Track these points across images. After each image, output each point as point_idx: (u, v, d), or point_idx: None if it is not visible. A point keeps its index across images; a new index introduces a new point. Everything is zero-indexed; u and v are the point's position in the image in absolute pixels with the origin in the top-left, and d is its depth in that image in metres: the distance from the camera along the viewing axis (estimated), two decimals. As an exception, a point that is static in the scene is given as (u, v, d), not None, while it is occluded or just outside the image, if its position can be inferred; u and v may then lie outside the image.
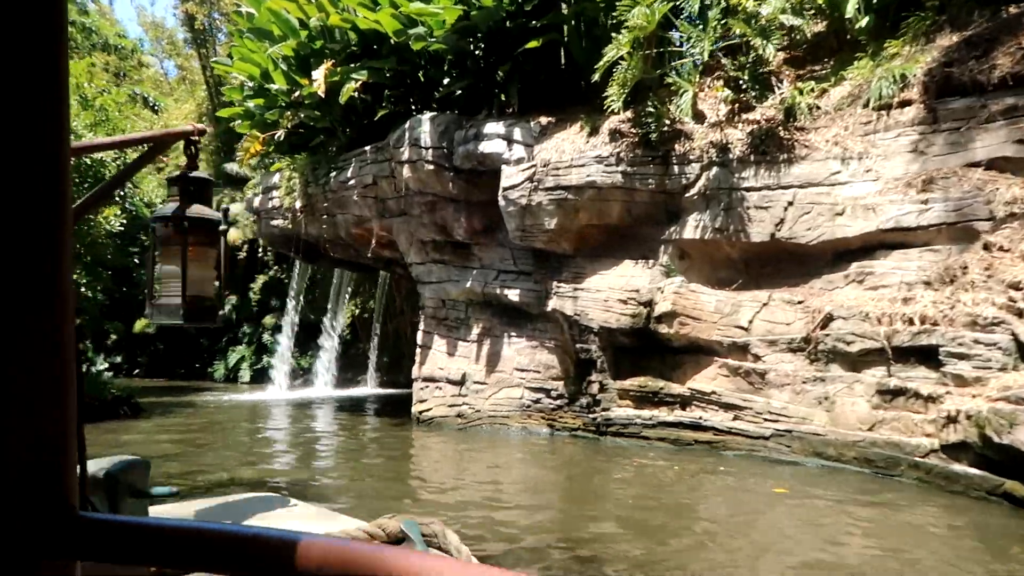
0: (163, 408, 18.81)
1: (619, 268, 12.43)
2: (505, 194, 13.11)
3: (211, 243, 2.69)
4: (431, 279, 15.16)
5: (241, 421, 16.63)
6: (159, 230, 2.61)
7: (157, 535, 0.72)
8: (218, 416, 17.66)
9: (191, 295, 2.56)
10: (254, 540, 0.69)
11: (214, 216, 2.68)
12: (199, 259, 2.61)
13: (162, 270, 2.62)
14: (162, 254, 2.62)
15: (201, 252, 2.62)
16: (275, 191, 18.14)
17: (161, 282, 2.61)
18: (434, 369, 14.84)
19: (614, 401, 12.28)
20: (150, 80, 31.95)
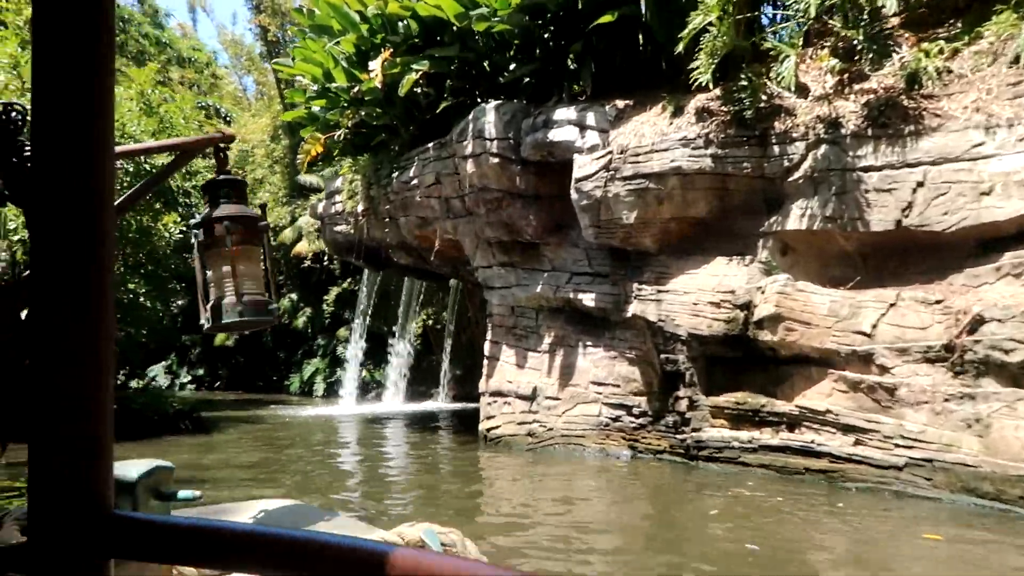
0: (226, 423, 17.86)
1: (710, 266, 10.61)
2: (577, 186, 11.48)
3: (255, 241, 2.58)
4: (498, 284, 13.63)
5: (302, 437, 15.45)
6: (201, 236, 2.49)
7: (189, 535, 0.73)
8: (280, 432, 16.56)
9: (244, 294, 2.46)
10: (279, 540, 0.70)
11: (254, 214, 2.57)
12: (245, 258, 2.51)
13: (211, 275, 2.52)
14: (208, 259, 2.52)
15: (246, 251, 2.53)
16: (338, 195, 17.03)
17: (211, 287, 2.51)
18: (502, 383, 13.28)
19: (706, 420, 10.43)
20: (229, 96, 31.85)
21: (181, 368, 35.30)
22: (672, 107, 10.97)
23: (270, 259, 2.64)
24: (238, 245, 2.48)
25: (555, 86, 12.99)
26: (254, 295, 2.51)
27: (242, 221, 2.48)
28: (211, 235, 2.47)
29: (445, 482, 10.69)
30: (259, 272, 2.60)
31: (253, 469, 11.48)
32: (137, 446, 13.75)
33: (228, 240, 2.44)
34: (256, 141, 30.41)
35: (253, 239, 2.56)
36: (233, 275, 2.45)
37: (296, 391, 29.52)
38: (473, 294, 25.65)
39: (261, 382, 32.38)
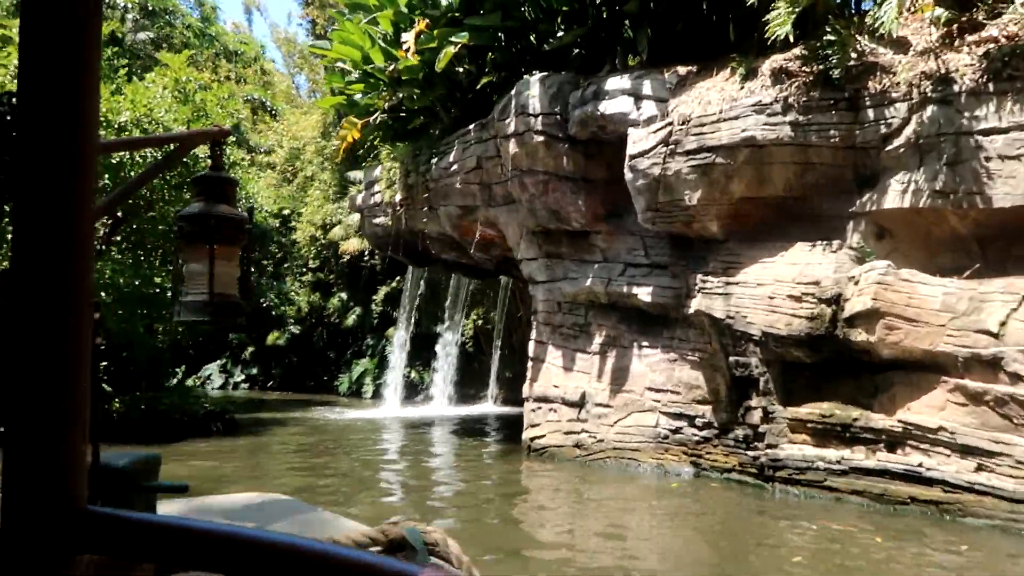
0: (262, 425, 16.75)
1: (788, 254, 8.87)
2: (632, 163, 9.88)
3: (236, 242, 2.57)
4: (543, 277, 12.10)
5: (337, 442, 14.19)
6: (185, 229, 2.49)
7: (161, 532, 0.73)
8: (314, 436, 15.35)
9: (217, 293, 2.47)
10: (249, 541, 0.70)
11: (239, 216, 2.55)
12: (224, 258, 2.50)
13: (188, 269, 2.53)
14: (188, 253, 2.54)
15: (226, 251, 2.51)
16: (376, 185, 15.76)
17: (187, 280, 2.53)
18: (547, 387, 11.74)
19: (784, 435, 8.70)
20: (282, 94, 31.19)
21: (235, 367, 34.79)
22: (743, 69, 9.28)
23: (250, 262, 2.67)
24: (219, 244, 2.49)
25: (607, 55, 11.42)
26: (226, 295, 2.52)
27: (227, 221, 2.50)
28: (194, 229, 2.50)
29: (480, 501, 9.21)
30: (236, 273, 2.61)
31: (274, 477, 10.22)
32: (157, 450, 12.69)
33: (210, 237, 2.46)
34: (307, 138, 29.59)
35: (235, 240, 2.57)
36: (210, 272, 2.46)
37: (345, 392, 28.52)
38: (523, 293, 24.18)
39: (312, 382, 31.55)
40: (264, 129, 29.05)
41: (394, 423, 18.19)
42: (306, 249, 29.65)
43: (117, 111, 13.45)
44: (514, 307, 24.29)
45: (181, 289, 2.59)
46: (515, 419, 19.81)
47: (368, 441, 14.70)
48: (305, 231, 28.72)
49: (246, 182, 17.84)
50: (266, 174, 29.19)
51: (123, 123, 13.49)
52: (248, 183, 17.96)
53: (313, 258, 29.76)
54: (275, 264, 32.92)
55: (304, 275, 30.80)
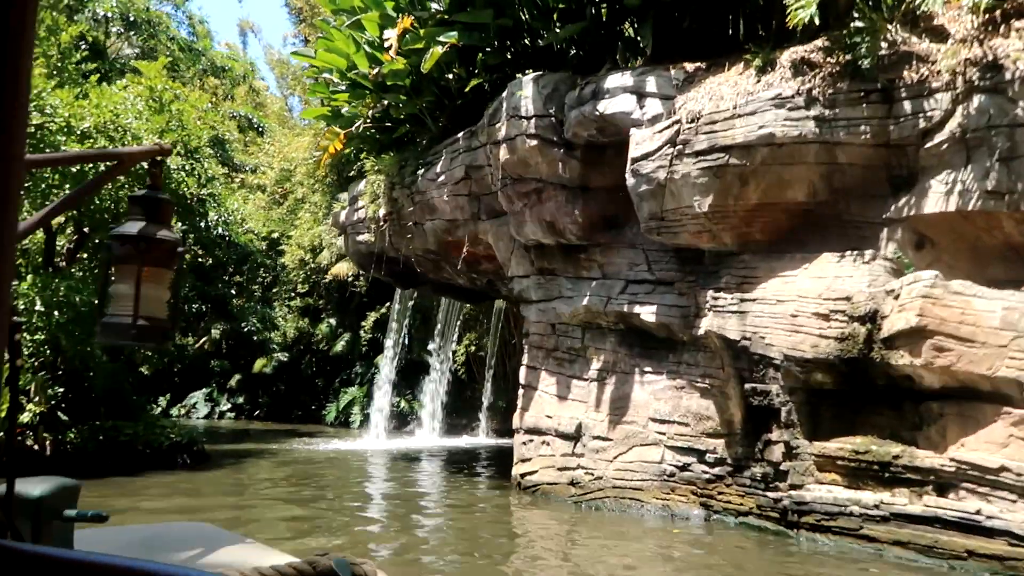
0: (236, 458, 15.44)
1: (813, 266, 7.72)
2: (635, 167, 8.77)
3: (168, 265, 2.48)
4: (536, 296, 10.93)
5: (313, 478, 12.88)
6: (116, 248, 2.40)
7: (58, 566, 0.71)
8: (290, 470, 14.04)
9: (143, 315, 2.39)
10: None
11: (172, 238, 2.46)
12: (154, 280, 2.44)
13: (116, 289, 2.43)
14: (117, 273, 2.43)
15: (157, 273, 2.44)
16: (360, 200, 14.66)
17: (113, 301, 2.42)
18: (540, 417, 10.51)
19: (810, 474, 7.47)
20: (275, 115, 30.29)
21: (221, 396, 33.44)
22: (759, 61, 8.21)
23: (180, 286, 2.60)
24: (149, 266, 2.39)
25: (606, 54, 10.38)
26: (153, 319, 2.42)
27: (159, 243, 2.40)
28: (127, 250, 2.39)
29: (463, 550, 7.94)
30: (165, 296, 2.51)
31: (228, 520, 8.95)
32: (114, 484, 11.41)
33: (140, 259, 2.36)
34: (298, 160, 28.60)
35: (166, 263, 2.47)
36: (136, 294, 2.36)
37: (332, 422, 27.16)
38: (518, 317, 23.00)
39: (299, 411, 30.20)
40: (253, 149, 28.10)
41: (378, 456, 16.88)
42: (295, 273, 28.51)
43: (80, 116, 12.37)
44: (508, 333, 23.11)
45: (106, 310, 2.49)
46: (507, 452, 18.47)
47: (346, 475, 13.40)
48: (294, 254, 27.59)
49: (224, 198, 16.72)
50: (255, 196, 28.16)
51: (86, 129, 12.41)
52: (226, 199, 16.83)
53: (302, 282, 28.59)
54: (264, 289, 31.74)
55: (292, 300, 29.60)
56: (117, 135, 12.68)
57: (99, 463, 12.57)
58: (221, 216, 17.51)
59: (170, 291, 2.55)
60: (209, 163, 15.99)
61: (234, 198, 17.63)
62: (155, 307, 2.48)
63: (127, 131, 12.82)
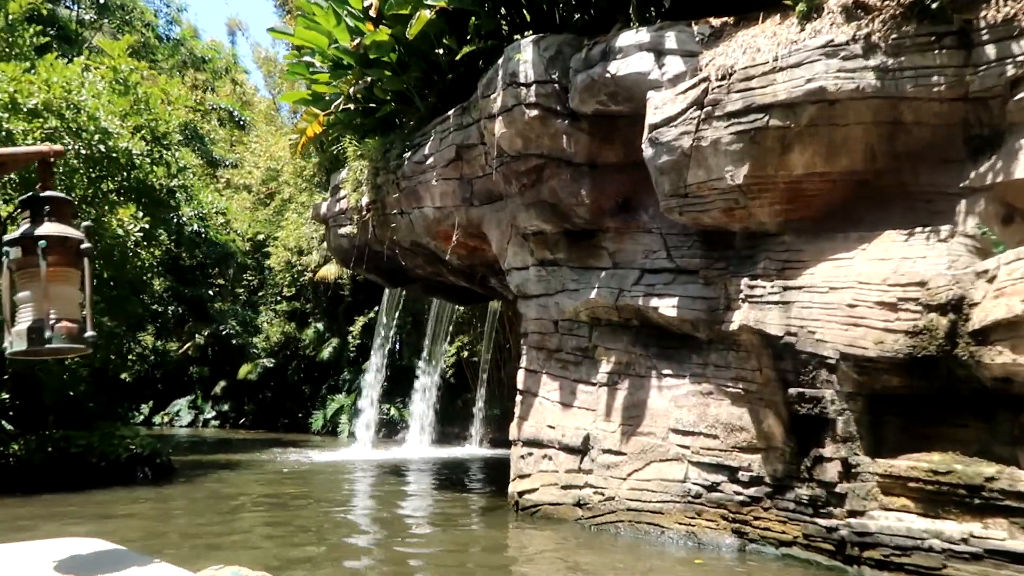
0: (205, 470, 13.93)
1: (874, 247, 6.32)
2: (654, 135, 7.37)
3: (74, 264, 2.38)
4: (536, 290, 9.50)
5: (288, 492, 11.39)
6: (12, 254, 2.30)
7: None
8: (262, 485, 12.54)
9: (55, 319, 2.28)
10: None
11: (75, 235, 2.37)
12: (61, 281, 2.32)
13: (20, 296, 2.32)
14: (19, 279, 2.32)
15: (63, 273, 2.32)
16: (342, 189, 13.23)
17: (19, 308, 2.32)
18: (540, 427, 9.06)
19: (873, 498, 6.05)
20: (262, 114, 28.88)
21: (206, 403, 31.86)
22: (803, 7, 6.83)
23: (90, 284, 2.40)
24: (54, 267, 2.28)
25: (617, 14, 8.99)
26: (67, 320, 2.31)
27: (61, 242, 2.30)
28: (25, 253, 2.28)
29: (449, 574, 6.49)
30: (76, 297, 2.39)
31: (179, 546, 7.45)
32: (42, 502, 9.89)
33: (43, 261, 2.25)
34: (285, 159, 27.16)
35: (72, 262, 2.36)
36: (45, 298, 2.26)
37: (319, 430, 25.64)
38: (514, 320, 21.56)
39: (286, 419, 28.67)
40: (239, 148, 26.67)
41: (364, 467, 15.39)
42: (281, 276, 27.02)
43: (27, 92, 10.90)
44: (503, 337, 21.68)
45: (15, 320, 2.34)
46: (503, 464, 17.00)
47: (327, 490, 11.90)
48: (280, 256, 26.11)
49: (198, 190, 15.25)
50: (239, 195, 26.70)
51: (35, 107, 10.94)
52: (200, 191, 15.36)
53: (288, 285, 27.10)
54: (250, 292, 30.21)
55: (278, 304, 28.09)
56: (70, 114, 11.22)
57: (45, 478, 11.08)
58: (195, 211, 16.05)
59: (81, 291, 2.39)
60: (181, 152, 14.53)
61: (209, 191, 16.18)
62: (67, 308, 2.31)
63: (81, 110, 11.36)
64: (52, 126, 11.08)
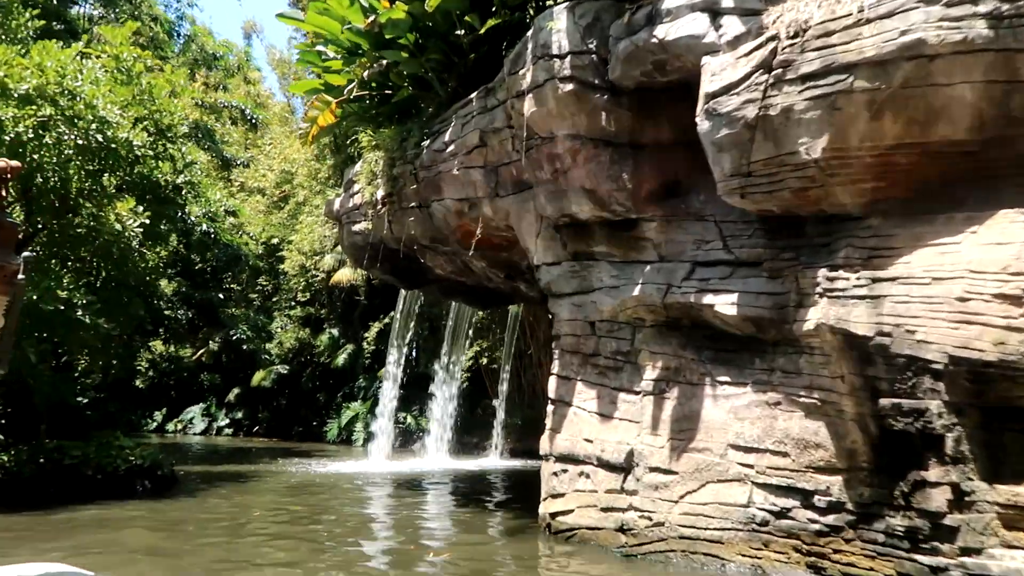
0: (208, 483, 12.94)
1: (987, 229, 5.23)
2: (711, 106, 6.32)
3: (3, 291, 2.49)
4: (569, 288, 8.46)
5: (295, 507, 10.39)
6: None
7: None
8: (272, 497, 11.55)
9: None
10: None
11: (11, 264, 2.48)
12: None
13: None
14: None
15: None
16: (356, 183, 12.28)
17: None
18: (576, 441, 8.00)
19: (992, 531, 4.95)
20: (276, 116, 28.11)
21: (219, 411, 30.98)
22: (891, -50, 5.78)
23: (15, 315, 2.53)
24: None
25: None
26: None
27: None
28: None
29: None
30: None
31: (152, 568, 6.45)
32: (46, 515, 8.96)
33: None
34: (300, 161, 26.33)
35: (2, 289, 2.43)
36: None
37: (334, 439, 24.65)
38: (535, 324, 20.52)
39: (300, 427, 27.72)
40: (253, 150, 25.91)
41: (379, 480, 14.36)
42: (295, 280, 26.14)
43: (18, 77, 10.03)
44: (523, 343, 20.63)
45: None
46: (526, 476, 15.92)
47: (338, 507, 10.88)
48: (294, 260, 25.22)
49: (205, 187, 14.36)
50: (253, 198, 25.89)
51: (27, 92, 10.07)
52: (208, 188, 14.47)
53: (302, 290, 26.21)
54: (264, 297, 29.35)
55: (293, 309, 27.21)
56: (64, 101, 10.34)
57: (36, 492, 10.15)
58: (204, 210, 15.15)
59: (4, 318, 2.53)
60: (188, 146, 13.64)
61: (217, 188, 15.27)
62: None
63: (78, 96, 10.48)
64: (46, 114, 10.20)
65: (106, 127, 10.77)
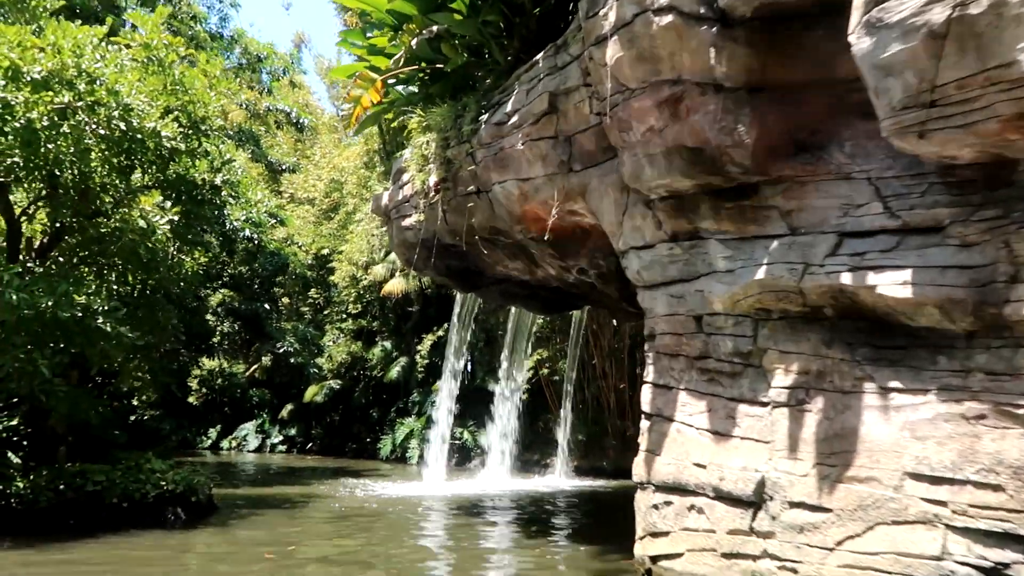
0: (252, 508, 11.58)
1: None
2: (875, 16, 4.55)
3: None
4: (665, 276, 6.77)
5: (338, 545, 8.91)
6: None
7: None
8: (311, 531, 10.11)
9: None
10: None
11: None
12: None
13: None
14: None
15: None
16: (405, 173, 10.83)
17: None
18: (683, 466, 6.28)
19: None
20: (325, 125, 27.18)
21: (273, 427, 29.99)
22: None
23: None
24: None
25: None
26: None
27: None
28: None
29: None
30: None
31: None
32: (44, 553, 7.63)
33: None
34: (350, 168, 25.23)
35: None
36: None
37: (388, 456, 23.27)
38: (600, 332, 18.79)
39: (354, 444, 26.48)
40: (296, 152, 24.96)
41: (436, 505, 12.82)
42: (346, 292, 24.96)
43: (32, 59, 8.89)
44: (586, 353, 18.92)
45: None
46: (598, 499, 14.17)
47: (390, 539, 9.35)
48: (344, 271, 24.05)
49: (246, 188, 13.13)
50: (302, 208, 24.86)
51: (42, 76, 8.91)
52: (248, 189, 13.23)
53: (353, 302, 25.00)
54: (315, 311, 28.27)
55: (344, 322, 26.03)
56: (82, 84, 9.16)
57: (54, 522, 8.88)
58: (246, 214, 13.92)
59: None
60: (226, 144, 12.43)
61: (258, 188, 14.04)
62: None
63: (97, 80, 9.29)
64: (63, 100, 9.02)
65: (131, 115, 9.55)
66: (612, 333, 19.10)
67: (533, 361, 19.08)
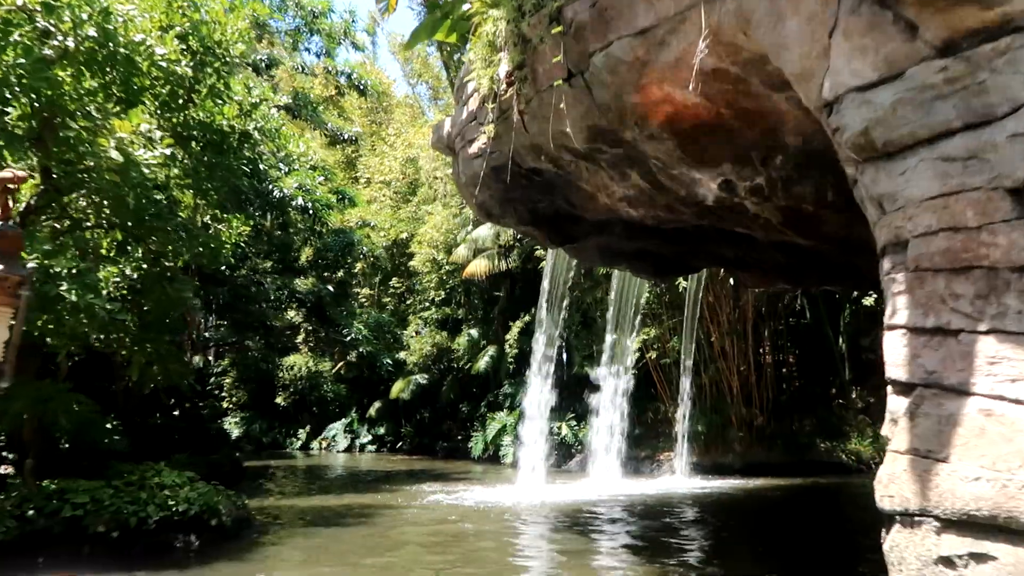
0: (306, 527, 8.96)
1: None
2: None
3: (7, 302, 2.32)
4: (929, 123, 3.46)
5: None
6: None
7: None
8: (370, 560, 7.34)
9: None
10: None
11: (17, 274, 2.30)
12: None
13: None
14: None
15: None
16: (470, 84, 7.89)
17: None
18: (1007, 479, 3.04)
19: None
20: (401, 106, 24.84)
21: (361, 427, 27.92)
22: None
23: (20, 327, 2.29)
24: None
25: None
26: None
27: None
28: None
29: None
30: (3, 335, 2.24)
31: None
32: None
33: None
34: (425, 150, 22.74)
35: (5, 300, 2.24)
36: None
37: (479, 455, 20.53)
38: (718, 304, 15.37)
39: (444, 443, 23.96)
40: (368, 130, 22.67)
41: (534, 518, 9.86)
42: (428, 278, 22.44)
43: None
44: (702, 329, 15.55)
45: None
46: (731, 506, 10.81)
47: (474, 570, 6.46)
48: (424, 255, 21.52)
49: (286, 139, 10.58)
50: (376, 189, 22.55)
51: None
52: (288, 140, 10.66)
53: (435, 288, 22.44)
54: (397, 301, 25.92)
55: (427, 311, 23.53)
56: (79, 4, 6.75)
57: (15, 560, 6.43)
58: (299, 183, 11.40)
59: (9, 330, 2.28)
60: (254, 80, 9.90)
61: (300, 139, 11.40)
62: None
63: (87, 2, 6.86)
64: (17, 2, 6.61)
65: (109, 21, 7.05)
66: (732, 306, 15.63)
67: (638, 342, 15.83)
